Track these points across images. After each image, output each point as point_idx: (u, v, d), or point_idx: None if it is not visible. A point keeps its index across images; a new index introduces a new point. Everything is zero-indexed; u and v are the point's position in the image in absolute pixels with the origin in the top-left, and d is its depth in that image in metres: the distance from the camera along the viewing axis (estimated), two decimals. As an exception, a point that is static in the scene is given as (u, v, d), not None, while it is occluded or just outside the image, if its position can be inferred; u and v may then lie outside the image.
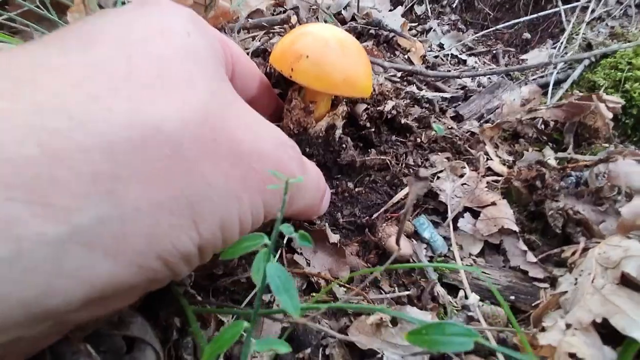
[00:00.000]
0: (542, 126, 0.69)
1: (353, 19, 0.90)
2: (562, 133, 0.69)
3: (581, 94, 0.67)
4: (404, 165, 0.67)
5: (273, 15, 0.92)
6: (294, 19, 0.70)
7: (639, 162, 0.52)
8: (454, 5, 1.07)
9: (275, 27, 0.72)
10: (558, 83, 0.85)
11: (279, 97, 0.61)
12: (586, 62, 0.84)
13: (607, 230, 0.56)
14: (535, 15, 0.97)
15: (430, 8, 1.09)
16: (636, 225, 0.48)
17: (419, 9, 1.08)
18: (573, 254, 0.52)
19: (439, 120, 0.76)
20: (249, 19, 0.73)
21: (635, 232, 0.49)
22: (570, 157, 0.65)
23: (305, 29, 0.53)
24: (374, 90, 0.72)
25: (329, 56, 0.47)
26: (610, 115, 0.63)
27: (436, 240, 0.56)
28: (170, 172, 0.23)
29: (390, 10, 1.02)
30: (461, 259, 0.54)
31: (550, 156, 0.63)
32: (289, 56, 0.48)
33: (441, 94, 0.73)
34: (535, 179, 0.58)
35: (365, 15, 0.88)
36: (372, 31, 0.86)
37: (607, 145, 0.65)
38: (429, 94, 0.72)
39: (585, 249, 0.52)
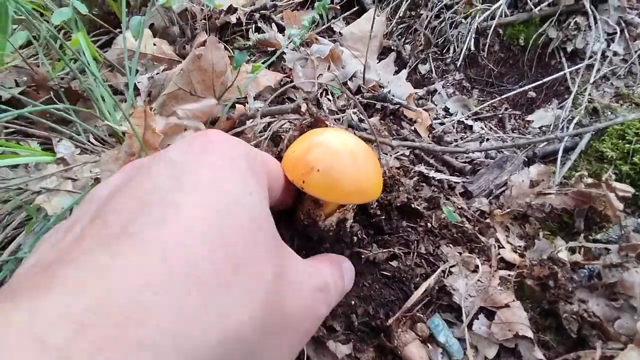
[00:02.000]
0: (552, 209, 0.70)
1: (359, 90, 0.92)
2: (573, 216, 0.70)
3: (590, 180, 0.67)
4: (415, 254, 0.68)
5: (281, 86, 0.94)
6: (304, 107, 0.72)
7: (651, 273, 0.52)
8: (457, 63, 1.08)
9: (288, 115, 0.73)
10: (566, 151, 0.85)
11: None
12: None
13: (623, 328, 0.57)
14: (540, 82, 0.98)
15: (435, 66, 1.10)
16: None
17: (422, 68, 1.09)
18: (590, 361, 0.52)
19: (449, 200, 0.77)
20: (259, 108, 0.75)
21: (652, 346, 0.49)
22: (582, 246, 0.65)
23: (316, 137, 0.55)
24: (385, 173, 0.73)
25: (339, 168, 0.47)
26: (621, 206, 0.63)
27: (452, 345, 0.57)
28: None
29: (395, 74, 1.04)
30: (476, 366, 0.55)
31: (561, 247, 0.64)
32: (300, 168, 0.48)
33: (449, 178, 0.73)
34: (548, 278, 0.58)
35: (371, 88, 0.90)
36: (378, 105, 0.88)
37: (615, 232, 0.65)
38: (438, 175, 0.73)
39: (603, 357, 0.52)
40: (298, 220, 0.61)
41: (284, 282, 0.30)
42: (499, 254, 0.66)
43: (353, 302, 0.62)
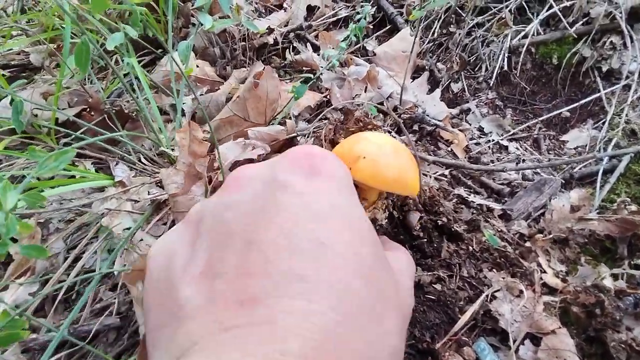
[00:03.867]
0: (593, 234, 0.71)
1: (395, 110, 0.94)
2: (615, 242, 0.70)
3: (634, 207, 0.68)
4: (458, 278, 0.69)
5: (319, 106, 0.97)
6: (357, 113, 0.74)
7: None
8: (490, 82, 1.10)
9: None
10: (604, 173, 0.86)
11: None
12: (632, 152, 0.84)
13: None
14: (575, 101, 0.98)
15: (467, 84, 1.11)
16: None
17: (455, 87, 1.11)
18: (639, 392, 0.53)
19: (488, 222, 0.78)
20: (300, 121, 0.78)
21: None
22: (625, 273, 0.66)
23: (361, 135, 0.58)
24: (425, 193, 0.75)
25: (383, 158, 0.50)
26: (666, 234, 0.64)
27: (498, 369, 0.58)
28: None
29: (429, 93, 1.06)
30: (524, 392, 0.56)
31: (605, 274, 0.64)
32: (347, 157, 0.50)
33: (487, 203, 0.75)
34: (595, 306, 0.59)
35: (408, 109, 0.92)
36: (415, 127, 0.90)
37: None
38: (477, 199, 0.75)
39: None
40: None
41: (399, 285, 0.32)
42: (541, 278, 0.67)
43: (399, 324, 0.64)
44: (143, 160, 0.79)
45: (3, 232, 0.36)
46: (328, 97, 0.97)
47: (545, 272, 0.68)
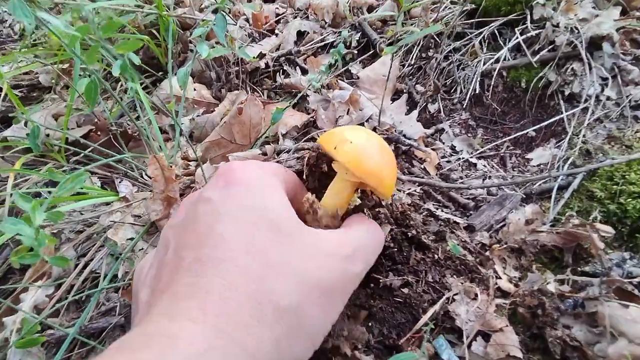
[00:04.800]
0: (544, 245, 0.80)
1: (374, 130, 1.04)
2: (562, 251, 0.80)
3: (577, 221, 0.77)
4: (423, 282, 0.78)
5: (306, 126, 1.06)
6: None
7: (622, 306, 0.62)
8: (464, 103, 1.20)
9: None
10: (561, 189, 0.95)
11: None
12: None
13: (602, 351, 0.66)
14: (540, 122, 1.08)
15: (443, 105, 1.21)
16: (622, 364, 0.58)
17: (432, 107, 1.21)
18: (571, 380, 0.62)
19: (454, 233, 0.87)
20: (287, 140, 0.87)
21: (622, 368, 0.59)
22: (569, 278, 0.75)
23: (356, 126, 0.64)
24: (397, 208, 0.84)
25: (369, 148, 0.54)
26: (602, 245, 0.73)
27: (453, 362, 0.67)
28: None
29: (407, 113, 1.16)
30: (474, 382, 0.64)
31: (550, 280, 0.73)
32: (335, 139, 0.55)
33: (453, 217, 0.84)
34: (537, 307, 0.68)
35: (385, 130, 1.01)
36: (391, 146, 0.99)
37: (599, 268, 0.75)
38: (444, 214, 0.84)
39: (582, 377, 0.62)
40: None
41: (316, 254, 0.42)
42: (496, 284, 0.76)
43: (370, 324, 0.73)
44: (145, 176, 0.88)
45: (35, 245, 0.45)
46: (314, 117, 1.07)
47: (500, 277, 0.77)
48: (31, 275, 0.66)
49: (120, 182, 0.79)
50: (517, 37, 1.24)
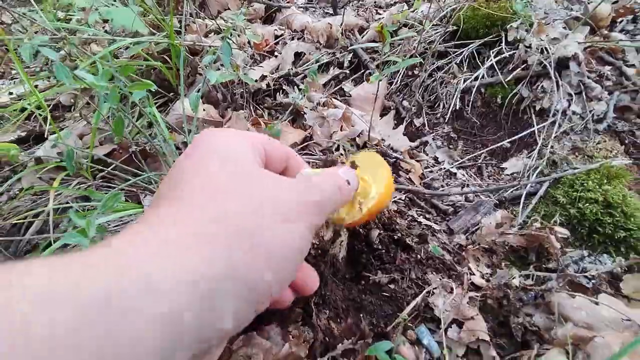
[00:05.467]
0: (511, 246, 0.92)
1: (365, 145, 1.16)
2: (528, 251, 0.92)
3: (538, 224, 0.90)
4: (408, 279, 0.91)
5: (304, 141, 1.18)
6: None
7: (570, 296, 0.75)
8: (446, 117, 1.32)
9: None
10: (531, 195, 1.08)
11: None
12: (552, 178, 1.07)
13: (556, 335, 0.78)
14: (514, 134, 1.21)
15: (427, 119, 1.34)
16: (566, 343, 0.70)
17: (417, 122, 1.33)
18: (529, 357, 0.74)
19: (435, 236, 0.99)
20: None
21: (567, 348, 0.71)
22: (532, 274, 0.87)
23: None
24: (384, 214, 0.97)
25: (386, 199, 0.68)
26: (558, 245, 0.86)
27: (432, 346, 0.79)
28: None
29: (394, 128, 1.28)
30: (450, 361, 0.77)
31: (515, 275, 0.86)
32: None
33: (433, 225, 0.96)
34: (503, 299, 0.81)
35: (375, 145, 1.14)
36: (380, 159, 1.12)
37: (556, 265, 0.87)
38: (425, 221, 0.97)
39: (538, 355, 0.74)
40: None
41: (274, 184, 0.42)
42: (470, 279, 0.88)
43: (361, 315, 0.86)
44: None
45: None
46: (311, 133, 1.19)
47: (474, 274, 0.90)
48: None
49: (144, 197, 0.90)
50: (497, 54, 1.38)
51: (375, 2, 1.83)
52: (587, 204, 0.99)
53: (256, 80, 1.24)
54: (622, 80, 1.36)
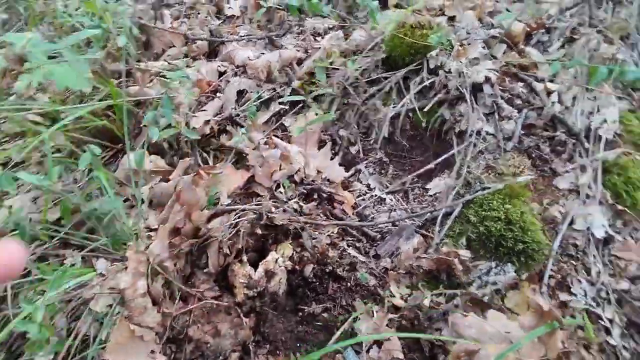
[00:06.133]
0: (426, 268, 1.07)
1: (302, 181, 1.28)
2: (439, 272, 1.07)
3: (445, 249, 1.05)
4: (339, 307, 1.05)
5: (248, 182, 1.29)
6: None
7: (462, 316, 0.90)
8: (379, 143, 1.46)
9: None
10: (448, 214, 1.23)
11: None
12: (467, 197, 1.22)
13: (461, 346, 0.94)
14: (439, 156, 1.35)
15: (362, 146, 1.47)
16: (462, 356, 0.86)
17: (353, 149, 1.46)
18: (435, 369, 0.90)
19: (364, 263, 1.13)
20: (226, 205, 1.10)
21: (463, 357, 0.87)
22: (442, 293, 1.03)
23: None
24: (318, 249, 1.10)
25: None
26: (460, 267, 1.01)
27: (357, 366, 0.93)
28: None
29: (332, 159, 1.41)
30: (371, 378, 0.91)
31: (427, 296, 1.01)
32: None
33: (359, 256, 1.10)
34: (414, 319, 0.96)
35: (310, 182, 1.26)
36: (315, 195, 1.24)
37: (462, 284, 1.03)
38: (353, 252, 1.10)
39: (441, 366, 0.90)
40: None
41: None
42: (390, 302, 1.03)
43: (298, 345, 0.99)
44: (114, 249, 1.10)
45: (40, 338, 0.67)
46: (253, 174, 1.30)
47: (394, 296, 1.05)
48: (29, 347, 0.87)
49: (97, 260, 1.00)
50: (419, 83, 1.51)
51: (314, 28, 1.93)
52: (492, 222, 1.15)
53: (195, 128, 1.33)
54: (532, 97, 1.52)
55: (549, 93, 1.57)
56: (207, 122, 1.40)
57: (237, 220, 1.05)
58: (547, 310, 0.84)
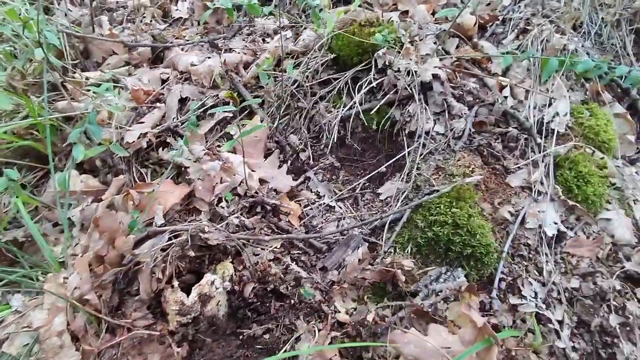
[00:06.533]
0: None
1: (245, 194, 1.22)
2: (385, 283, 1.03)
3: (388, 260, 1.01)
4: (282, 326, 1.00)
5: (187, 197, 1.23)
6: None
7: (402, 333, 0.86)
8: (330, 147, 1.41)
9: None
10: (397, 220, 1.19)
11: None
12: (416, 202, 1.18)
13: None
14: (390, 158, 1.31)
15: (312, 152, 1.42)
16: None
17: (303, 155, 1.41)
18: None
19: (309, 278, 1.08)
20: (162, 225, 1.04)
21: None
22: (387, 305, 0.99)
23: None
24: (259, 266, 1.04)
25: None
26: (403, 278, 0.97)
27: (298, 390, 0.89)
28: None
29: (279, 167, 1.35)
30: (312, 403, 0.87)
31: (371, 310, 0.97)
32: None
33: (301, 271, 1.05)
34: (357, 337, 0.91)
35: (254, 194, 1.20)
36: (258, 208, 1.19)
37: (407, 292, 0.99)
38: (297, 268, 1.05)
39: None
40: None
41: None
42: (335, 318, 0.98)
43: (238, 370, 0.94)
44: (40, 275, 1.02)
45: None
46: (194, 188, 1.23)
47: (339, 311, 1.00)
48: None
49: (12, 296, 0.92)
50: (368, 83, 1.46)
51: (264, 26, 1.85)
52: (440, 227, 1.11)
53: (127, 148, 1.25)
54: (484, 92, 1.49)
55: (502, 88, 1.55)
56: (144, 135, 1.32)
57: (169, 242, 0.99)
58: (482, 326, 0.81)
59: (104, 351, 0.88)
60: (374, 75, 1.45)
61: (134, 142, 1.28)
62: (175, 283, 0.94)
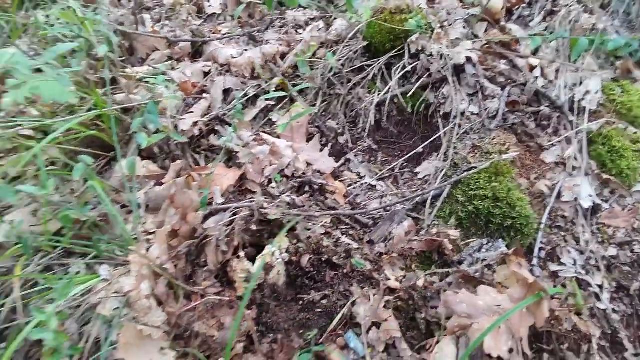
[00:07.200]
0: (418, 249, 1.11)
1: (293, 176, 1.31)
2: (432, 252, 1.11)
3: (435, 230, 1.08)
4: (337, 293, 1.08)
5: (240, 180, 1.32)
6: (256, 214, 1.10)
7: (454, 293, 0.93)
8: (367, 130, 1.48)
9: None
10: (438, 196, 1.26)
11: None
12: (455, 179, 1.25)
13: (454, 323, 0.98)
14: (426, 139, 1.37)
15: (350, 135, 1.49)
16: (456, 331, 0.90)
17: (342, 139, 1.48)
18: (431, 345, 0.94)
19: (359, 249, 1.17)
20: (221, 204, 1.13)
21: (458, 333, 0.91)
22: (435, 272, 1.06)
23: None
24: (313, 239, 1.13)
25: None
26: (450, 246, 1.04)
27: (358, 348, 0.97)
28: None
29: (321, 150, 1.43)
30: (371, 358, 0.95)
31: (421, 276, 1.04)
32: None
33: (351, 243, 1.14)
34: (409, 299, 0.99)
35: (301, 175, 1.29)
36: (306, 187, 1.27)
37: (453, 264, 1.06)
38: (347, 240, 1.14)
39: (438, 341, 0.94)
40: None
41: None
42: (386, 285, 1.06)
43: (301, 331, 1.03)
44: (117, 252, 1.13)
45: (56, 345, 0.71)
46: (245, 171, 1.33)
47: (389, 279, 1.08)
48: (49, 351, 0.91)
49: (100, 266, 1.03)
50: (402, 68, 1.52)
51: (295, 18, 1.93)
52: (480, 201, 1.18)
53: (183, 131, 1.35)
54: (515, 74, 1.53)
55: (532, 68, 1.59)
56: (195, 123, 1.42)
57: (232, 218, 1.08)
58: (532, 282, 0.88)
59: (183, 314, 0.98)
60: (407, 60, 1.51)
61: (188, 129, 1.38)
62: (242, 253, 1.03)
